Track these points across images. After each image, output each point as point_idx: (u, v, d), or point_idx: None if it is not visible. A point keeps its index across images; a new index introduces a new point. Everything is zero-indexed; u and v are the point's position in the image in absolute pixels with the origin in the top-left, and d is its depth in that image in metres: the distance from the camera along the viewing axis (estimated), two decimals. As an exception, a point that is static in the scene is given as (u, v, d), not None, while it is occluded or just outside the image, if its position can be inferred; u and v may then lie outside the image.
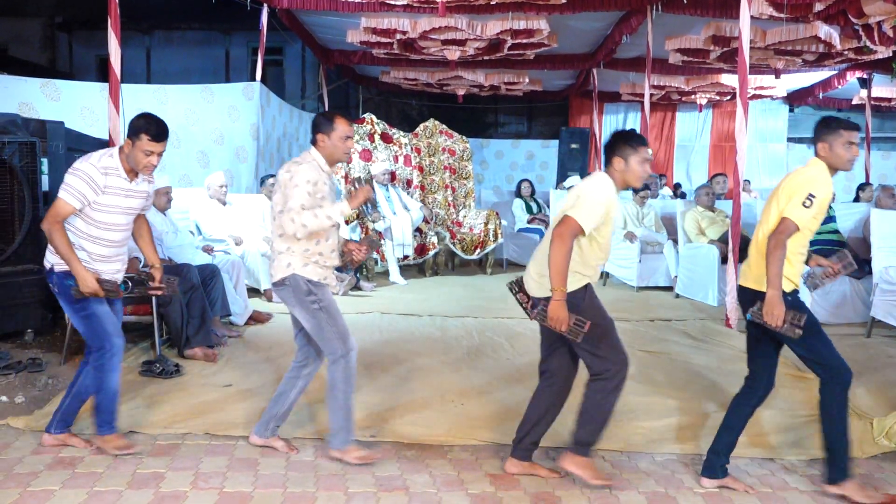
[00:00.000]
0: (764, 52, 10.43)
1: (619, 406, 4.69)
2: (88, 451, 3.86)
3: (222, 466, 3.74)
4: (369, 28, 10.19)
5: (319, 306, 3.75)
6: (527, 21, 9.75)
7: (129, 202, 3.82)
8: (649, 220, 9.23)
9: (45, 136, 5.91)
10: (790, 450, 4.14)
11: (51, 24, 17.34)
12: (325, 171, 3.81)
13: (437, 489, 3.57)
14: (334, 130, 3.79)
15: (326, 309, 3.77)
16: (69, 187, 3.65)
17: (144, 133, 3.74)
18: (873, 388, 4.90)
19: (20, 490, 3.42)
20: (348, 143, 3.83)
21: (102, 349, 3.78)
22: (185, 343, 5.49)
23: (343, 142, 3.81)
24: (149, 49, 17.54)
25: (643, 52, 10.92)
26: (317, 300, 3.75)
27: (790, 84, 14.67)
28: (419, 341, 6.14)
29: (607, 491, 3.59)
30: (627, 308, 7.65)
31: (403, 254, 9.28)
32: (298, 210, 3.66)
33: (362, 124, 10.08)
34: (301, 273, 3.75)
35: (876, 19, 8.16)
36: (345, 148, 3.82)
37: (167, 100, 9.17)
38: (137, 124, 3.76)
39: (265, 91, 10.45)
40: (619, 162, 3.58)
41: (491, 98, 15.95)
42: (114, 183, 3.73)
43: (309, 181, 3.69)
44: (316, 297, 3.76)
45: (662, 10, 9.47)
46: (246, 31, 16.00)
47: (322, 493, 3.49)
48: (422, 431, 4.25)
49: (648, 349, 6.00)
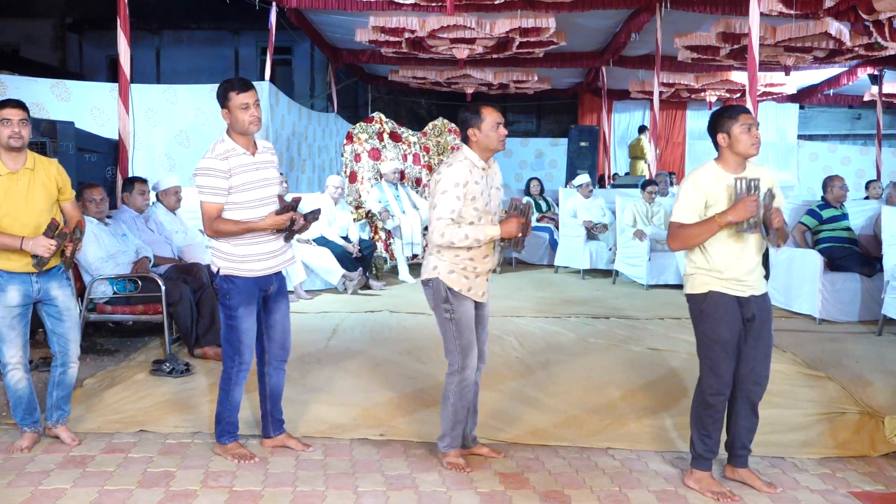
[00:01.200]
0: (774, 48, 10.39)
1: (627, 404, 4.71)
2: (100, 450, 3.88)
3: (232, 465, 3.75)
4: (378, 27, 10.20)
5: (451, 317, 3.73)
6: (535, 19, 9.74)
7: (261, 174, 3.77)
8: (659, 218, 9.21)
9: (56, 137, 5.93)
10: (801, 448, 4.12)
11: (61, 25, 17.43)
12: (479, 166, 3.73)
13: (447, 488, 3.57)
14: (483, 121, 3.70)
15: (457, 321, 3.73)
16: (202, 188, 3.66)
17: (231, 91, 3.68)
18: (885, 386, 4.87)
19: (32, 488, 3.44)
20: (501, 129, 3.74)
21: (232, 361, 3.82)
22: (195, 342, 5.50)
23: (495, 130, 3.71)
24: (158, 49, 17.62)
25: (652, 49, 10.90)
26: (450, 310, 3.73)
27: (800, 81, 14.61)
28: (428, 340, 6.13)
29: (617, 489, 3.59)
30: (637, 306, 7.63)
31: (413, 252, 9.28)
32: (448, 222, 3.61)
33: (371, 123, 10.08)
34: (444, 279, 3.71)
35: (887, 15, 8.11)
36: (499, 136, 3.72)
37: (177, 99, 9.20)
38: (220, 90, 3.73)
39: (274, 90, 10.47)
40: (722, 138, 3.55)
41: (500, 96, 15.94)
42: (237, 162, 3.69)
43: (458, 184, 3.62)
44: (451, 306, 3.73)
45: (671, 7, 9.45)
46: (255, 31, 16.06)
47: (332, 491, 3.50)
48: (431, 430, 4.25)
49: (658, 347, 5.98)
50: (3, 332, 3.87)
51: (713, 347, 3.55)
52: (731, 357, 3.54)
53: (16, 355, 3.90)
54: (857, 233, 7.29)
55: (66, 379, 4.07)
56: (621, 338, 6.18)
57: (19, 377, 3.94)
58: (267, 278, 3.85)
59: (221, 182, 3.64)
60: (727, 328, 3.51)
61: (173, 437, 4.10)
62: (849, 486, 3.69)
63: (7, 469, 3.65)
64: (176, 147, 9.10)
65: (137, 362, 5.26)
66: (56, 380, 4.05)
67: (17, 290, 3.83)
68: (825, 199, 7.20)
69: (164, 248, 5.98)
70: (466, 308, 3.74)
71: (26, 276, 3.85)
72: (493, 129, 3.70)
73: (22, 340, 3.92)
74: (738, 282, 3.52)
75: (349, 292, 7.81)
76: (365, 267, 8.39)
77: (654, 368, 5.40)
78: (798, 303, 6.96)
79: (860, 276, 6.77)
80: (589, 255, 9.65)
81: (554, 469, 3.82)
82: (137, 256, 5.54)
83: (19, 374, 3.94)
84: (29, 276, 3.85)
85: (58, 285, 3.96)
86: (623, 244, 9.19)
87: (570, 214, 10.09)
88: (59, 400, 4.05)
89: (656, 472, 3.81)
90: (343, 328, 6.21)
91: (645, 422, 4.43)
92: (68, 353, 4.04)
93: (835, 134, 18.61)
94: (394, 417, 4.42)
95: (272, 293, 3.90)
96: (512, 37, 10.45)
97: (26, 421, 4.01)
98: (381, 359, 5.45)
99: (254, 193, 3.73)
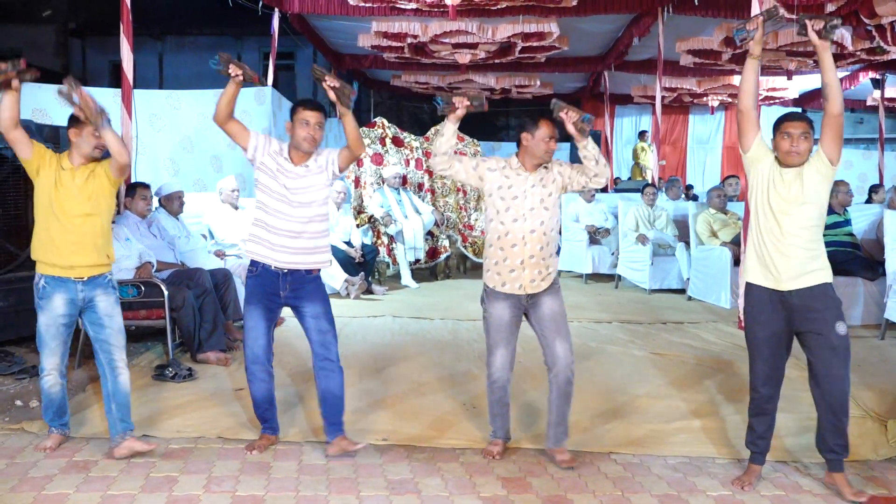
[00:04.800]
0: (776, 53, 10.40)
1: (630, 409, 4.70)
2: (103, 455, 3.89)
3: (235, 470, 3.75)
4: (380, 32, 10.23)
5: (484, 315, 3.94)
6: (537, 24, 9.76)
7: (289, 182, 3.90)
8: (661, 222, 9.21)
9: (59, 142, 5.95)
10: (803, 452, 4.11)
11: (64, 31, 17.49)
12: (515, 168, 3.89)
13: (449, 492, 3.57)
14: (538, 130, 3.81)
15: (487, 320, 3.92)
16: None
17: (299, 105, 3.91)
18: (888, 390, 4.86)
19: (35, 493, 3.45)
20: (551, 143, 3.83)
21: (245, 358, 3.97)
22: (197, 347, 5.50)
23: (546, 142, 3.81)
24: (161, 54, 17.67)
25: (654, 54, 10.90)
26: (485, 308, 3.93)
27: (802, 86, 14.60)
28: (431, 344, 6.14)
29: (619, 494, 3.58)
30: (639, 310, 7.63)
31: (415, 257, 9.29)
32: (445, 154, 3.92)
33: (373, 128, 10.10)
34: (485, 279, 3.94)
35: (889, 19, 8.11)
36: (547, 148, 3.82)
37: (180, 105, 9.22)
38: (293, 104, 3.97)
39: (277, 96, 10.50)
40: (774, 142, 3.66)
41: (502, 101, 15.97)
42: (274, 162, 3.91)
43: (487, 165, 3.92)
44: (485, 305, 3.94)
45: (673, 12, 9.46)
46: (257, 36, 16.10)
47: (334, 496, 3.50)
48: (433, 434, 4.25)
49: (661, 352, 5.98)
50: (46, 340, 3.86)
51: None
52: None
53: (54, 363, 3.90)
54: (860, 237, 7.28)
55: (120, 388, 3.92)
56: (624, 342, 6.18)
57: (53, 382, 3.94)
58: (277, 280, 3.88)
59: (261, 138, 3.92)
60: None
61: (176, 442, 4.10)
62: (852, 491, 3.68)
63: (10, 474, 3.66)
64: (179, 152, 9.12)
65: (140, 367, 5.26)
66: (110, 392, 3.90)
67: (62, 297, 3.81)
68: (829, 204, 7.18)
69: (167, 254, 5.99)
70: (497, 309, 3.87)
71: (71, 284, 3.83)
72: (544, 140, 3.81)
73: (62, 350, 3.92)
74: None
75: (352, 297, 7.82)
76: (367, 272, 8.40)
77: (658, 373, 5.40)
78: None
79: (863, 280, 6.77)
80: (591, 259, 9.66)
81: (556, 473, 3.81)
82: (140, 262, 5.55)
83: (54, 379, 3.93)
84: (74, 283, 3.84)
85: (103, 293, 3.95)
86: (625, 248, 9.20)
87: (573, 219, 10.09)
88: (119, 412, 3.91)
89: (659, 476, 3.81)
90: (345, 333, 6.20)
91: (648, 426, 4.42)
92: (114, 360, 3.94)
93: (837, 138, 18.55)
94: (396, 422, 4.42)
95: (300, 295, 3.95)
96: (514, 41, 10.47)
97: (55, 422, 4.01)
98: (383, 364, 5.45)
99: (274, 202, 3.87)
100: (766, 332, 3.64)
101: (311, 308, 3.96)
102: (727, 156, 17.15)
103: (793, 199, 3.53)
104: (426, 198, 10.22)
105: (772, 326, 3.63)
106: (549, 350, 3.89)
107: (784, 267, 3.57)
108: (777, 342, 3.63)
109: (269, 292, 3.91)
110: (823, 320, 3.53)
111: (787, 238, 3.56)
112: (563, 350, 3.86)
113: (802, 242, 3.56)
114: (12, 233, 5.53)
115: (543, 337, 3.90)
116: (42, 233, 3.84)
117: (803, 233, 3.55)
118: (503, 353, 3.89)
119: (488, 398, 4.02)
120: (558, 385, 3.88)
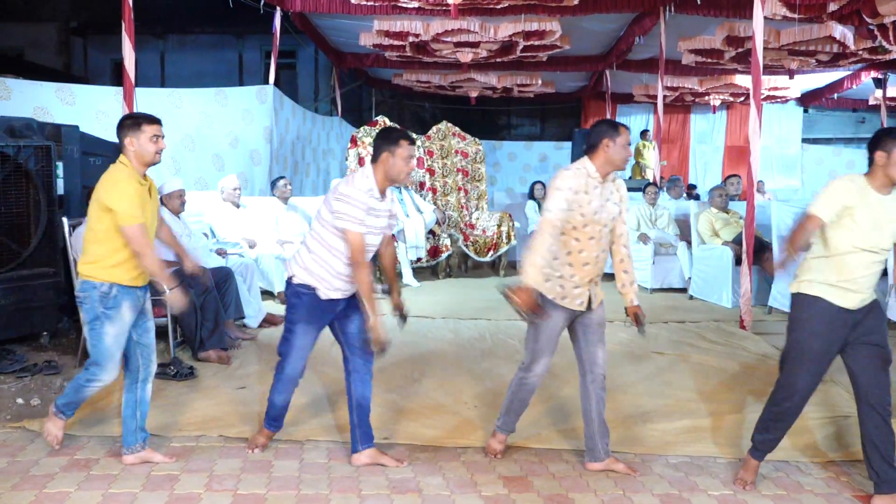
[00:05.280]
0: (778, 52, 10.39)
1: (632, 408, 4.70)
2: (104, 453, 3.89)
3: (236, 468, 3.75)
4: (382, 31, 10.23)
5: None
6: (539, 23, 9.75)
7: (377, 222, 3.78)
8: (662, 221, 9.20)
9: (61, 140, 5.95)
10: (805, 452, 4.11)
11: (66, 29, 17.48)
12: (594, 177, 3.70)
13: (451, 491, 3.57)
14: (620, 136, 3.67)
15: (538, 327, 3.78)
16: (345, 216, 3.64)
17: (404, 139, 3.77)
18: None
19: (36, 492, 3.45)
20: (629, 150, 3.75)
21: (278, 368, 3.89)
22: (199, 346, 5.51)
23: (624, 149, 3.69)
24: (163, 53, 17.66)
25: (656, 53, 10.90)
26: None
27: (804, 85, 14.61)
28: (432, 343, 6.14)
29: (620, 493, 3.58)
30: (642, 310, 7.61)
31: (416, 256, 9.29)
32: (549, 220, 3.61)
33: (375, 126, 10.10)
34: (540, 286, 3.70)
35: (891, 19, 8.11)
36: (626, 154, 3.72)
37: (182, 103, 9.22)
38: (391, 134, 3.81)
39: (279, 94, 10.50)
40: (880, 156, 3.39)
41: (504, 100, 15.97)
42: (371, 205, 3.71)
43: (570, 188, 3.63)
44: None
45: (675, 11, 9.45)
46: (259, 35, 16.08)
47: (336, 494, 3.49)
48: (435, 433, 4.25)
49: (662, 351, 5.98)
50: (112, 352, 3.71)
51: None
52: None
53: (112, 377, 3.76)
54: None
55: (147, 396, 3.88)
56: (625, 342, 6.17)
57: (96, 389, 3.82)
58: (336, 303, 3.86)
59: (362, 214, 3.64)
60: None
61: (177, 441, 4.10)
62: (853, 490, 3.68)
63: (11, 472, 3.66)
64: (181, 151, 9.12)
65: (142, 365, 5.26)
66: (139, 397, 3.84)
67: (129, 305, 3.72)
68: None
69: (168, 252, 5.97)
70: (553, 318, 3.75)
71: (135, 291, 3.75)
72: (623, 147, 3.70)
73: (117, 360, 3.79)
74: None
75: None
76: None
77: (659, 372, 5.40)
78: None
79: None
80: (593, 258, 9.63)
81: (558, 473, 3.81)
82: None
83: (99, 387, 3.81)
84: (136, 289, 3.76)
85: (148, 297, 3.92)
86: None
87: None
88: (143, 420, 3.87)
89: (660, 476, 3.80)
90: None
91: (649, 425, 4.42)
92: (152, 365, 3.90)
93: (839, 137, 18.58)
94: (398, 421, 4.42)
95: (349, 314, 3.92)
96: (516, 40, 10.46)
97: (66, 411, 3.90)
98: (384, 362, 5.44)
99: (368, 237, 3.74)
100: (825, 346, 3.50)
101: (357, 320, 3.92)
102: (729, 155, 17.15)
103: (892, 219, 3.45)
104: (427, 196, 10.22)
105: (833, 343, 3.51)
106: (589, 356, 3.86)
107: (868, 286, 3.51)
108: (830, 358, 3.54)
109: (328, 312, 3.87)
110: (881, 332, 3.52)
111: (880, 254, 3.50)
112: (603, 356, 3.88)
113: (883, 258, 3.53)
114: (14, 230, 5.53)
115: (586, 342, 3.86)
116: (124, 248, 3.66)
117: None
118: (546, 360, 3.82)
119: (510, 395, 3.94)
120: (596, 391, 3.85)
